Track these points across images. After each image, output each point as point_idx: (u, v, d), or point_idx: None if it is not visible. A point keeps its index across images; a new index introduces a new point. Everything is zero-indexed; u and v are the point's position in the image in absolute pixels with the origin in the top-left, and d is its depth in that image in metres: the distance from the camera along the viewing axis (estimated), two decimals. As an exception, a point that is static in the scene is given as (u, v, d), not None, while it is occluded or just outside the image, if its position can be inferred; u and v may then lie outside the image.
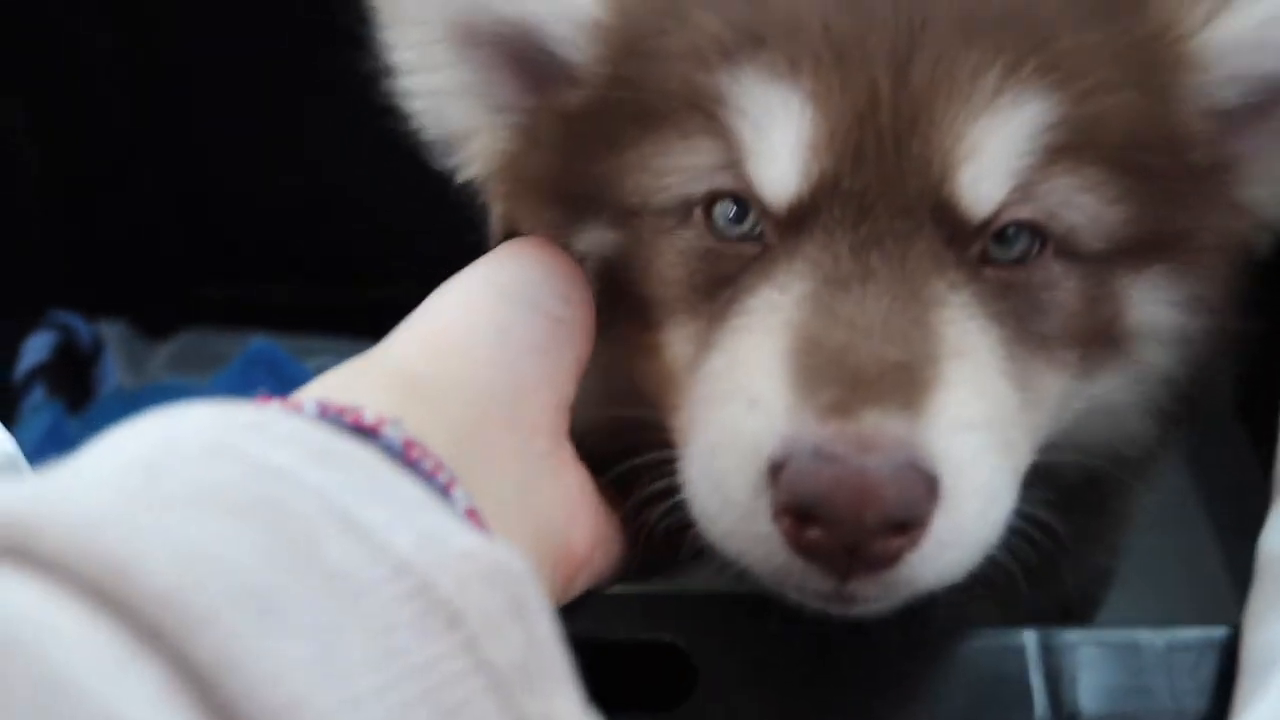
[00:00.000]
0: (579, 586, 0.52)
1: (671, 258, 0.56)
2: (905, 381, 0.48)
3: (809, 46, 0.51)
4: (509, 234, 0.63)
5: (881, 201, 0.51)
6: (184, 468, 0.35)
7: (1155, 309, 0.57)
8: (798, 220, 0.52)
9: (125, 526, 0.33)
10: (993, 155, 0.51)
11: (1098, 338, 0.56)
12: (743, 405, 0.50)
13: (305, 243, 1.31)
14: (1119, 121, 0.53)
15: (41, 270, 1.29)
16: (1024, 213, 0.53)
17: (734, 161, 0.53)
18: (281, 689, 0.31)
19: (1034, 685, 0.50)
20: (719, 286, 0.54)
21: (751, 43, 0.52)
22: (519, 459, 0.49)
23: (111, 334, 1.33)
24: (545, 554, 0.49)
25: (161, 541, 0.32)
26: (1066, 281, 0.54)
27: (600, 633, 0.53)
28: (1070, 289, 0.54)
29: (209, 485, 0.35)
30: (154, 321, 1.38)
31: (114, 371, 1.31)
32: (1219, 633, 0.52)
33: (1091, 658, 0.51)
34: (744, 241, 0.54)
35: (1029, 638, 0.52)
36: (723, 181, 0.54)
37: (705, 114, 0.53)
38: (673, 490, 0.52)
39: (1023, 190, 0.52)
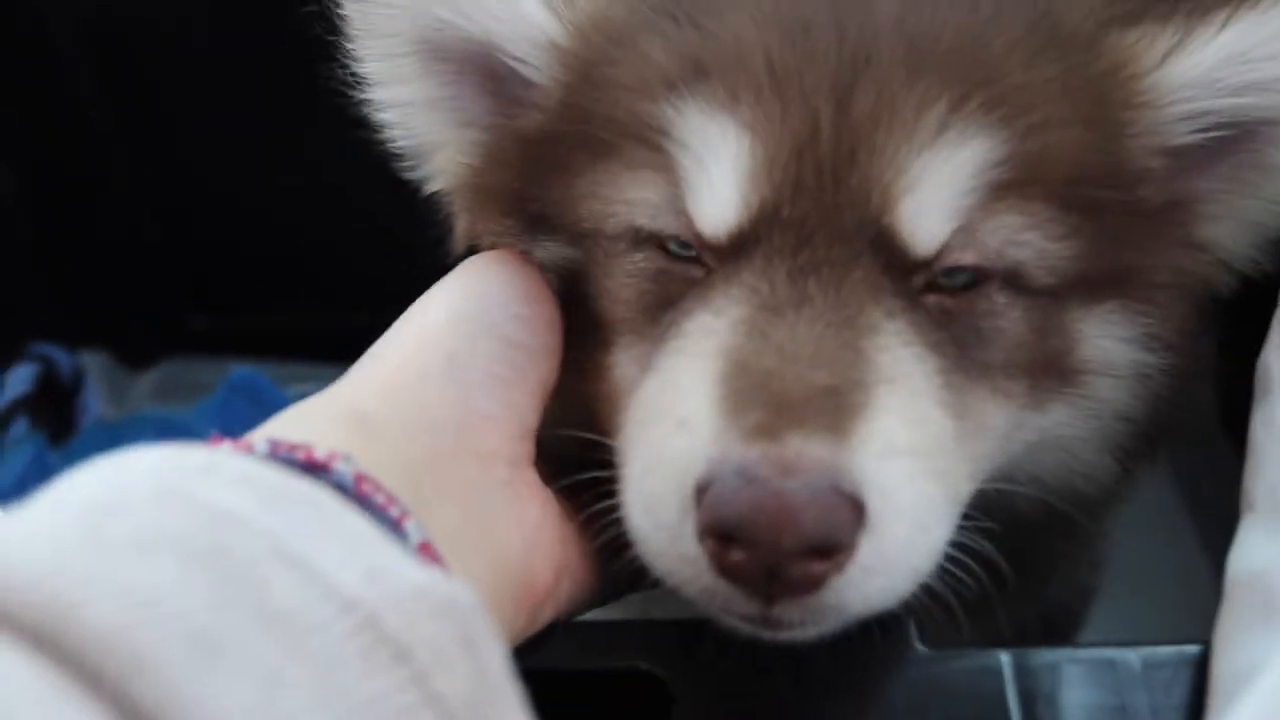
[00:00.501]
0: (546, 615, 0.52)
1: (622, 279, 0.56)
2: (833, 407, 0.48)
3: (750, 77, 0.52)
4: (471, 248, 0.63)
5: (820, 230, 0.51)
6: (133, 512, 0.35)
7: (1108, 344, 0.57)
8: (737, 248, 0.52)
9: (69, 572, 0.33)
10: (935, 190, 0.51)
11: (1047, 370, 0.56)
12: (672, 427, 0.50)
13: (287, 271, 1.31)
14: (1066, 158, 0.53)
15: (22, 302, 1.29)
16: (967, 257, 0.53)
17: (676, 197, 0.53)
18: None
19: (1010, 705, 0.50)
20: (663, 309, 0.55)
21: (695, 74, 0.53)
22: (474, 490, 0.49)
23: (93, 364, 1.33)
24: (504, 584, 0.49)
25: (105, 586, 0.32)
26: (1012, 312, 0.54)
27: (576, 662, 0.53)
28: (1016, 319, 0.54)
29: (157, 530, 0.35)
30: (135, 351, 1.38)
31: (96, 402, 1.30)
32: (1195, 650, 0.51)
33: (1068, 677, 0.51)
34: (691, 263, 0.55)
35: (1005, 658, 0.51)
36: (664, 224, 0.54)
37: (650, 146, 0.53)
38: (615, 509, 0.52)
39: (966, 230, 0.52)
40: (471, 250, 0.63)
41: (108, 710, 0.31)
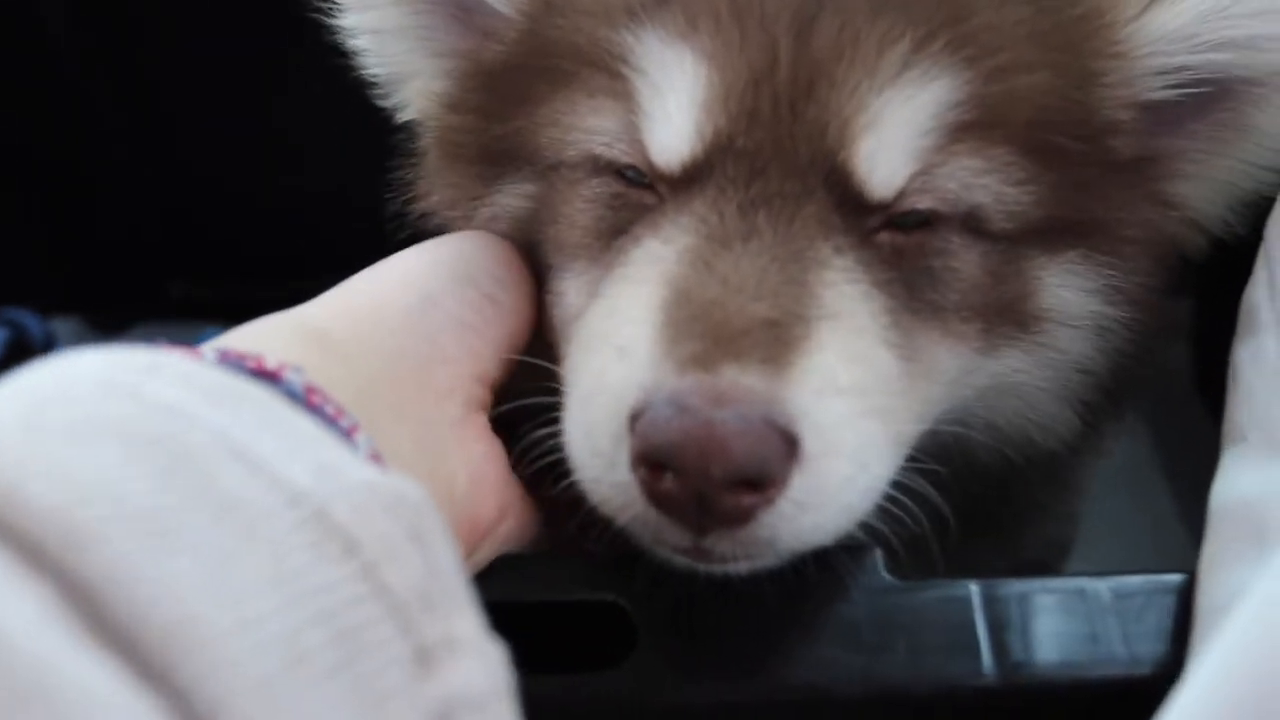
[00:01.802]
0: (485, 553, 0.52)
1: (580, 205, 0.56)
2: (772, 339, 0.47)
3: (710, 4, 0.51)
4: (433, 228, 0.63)
5: (774, 163, 0.51)
6: (74, 403, 0.35)
7: (1068, 294, 0.56)
8: (690, 178, 0.52)
9: (10, 451, 0.32)
10: (895, 130, 0.50)
11: (1002, 315, 0.55)
12: (612, 354, 0.50)
13: (265, 237, 1.30)
14: (1031, 102, 0.52)
15: (-7, 268, 1.28)
16: (924, 201, 0.52)
17: (632, 125, 0.53)
18: (172, 607, 0.30)
19: (979, 634, 0.50)
20: (615, 235, 0.54)
21: (655, 1, 0.52)
22: (426, 422, 0.49)
23: (65, 330, 1.32)
24: (448, 517, 0.48)
25: (47, 465, 0.32)
26: (968, 254, 0.54)
27: (541, 593, 0.52)
28: (971, 262, 0.54)
29: (98, 419, 0.34)
30: (109, 317, 1.36)
31: (67, 368, 1.29)
32: (1166, 579, 0.51)
33: (1037, 606, 0.50)
34: (645, 190, 0.54)
35: (973, 588, 0.51)
36: (620, 152, 0.54)
37: (609, 73, 0.53)
38: (557, 435, 0.52)
39: (924, 173, 0.51)
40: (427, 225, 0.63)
41: (52, 588, 0.30)
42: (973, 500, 0.63)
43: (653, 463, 0.46)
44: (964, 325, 0.54)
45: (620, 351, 0.49)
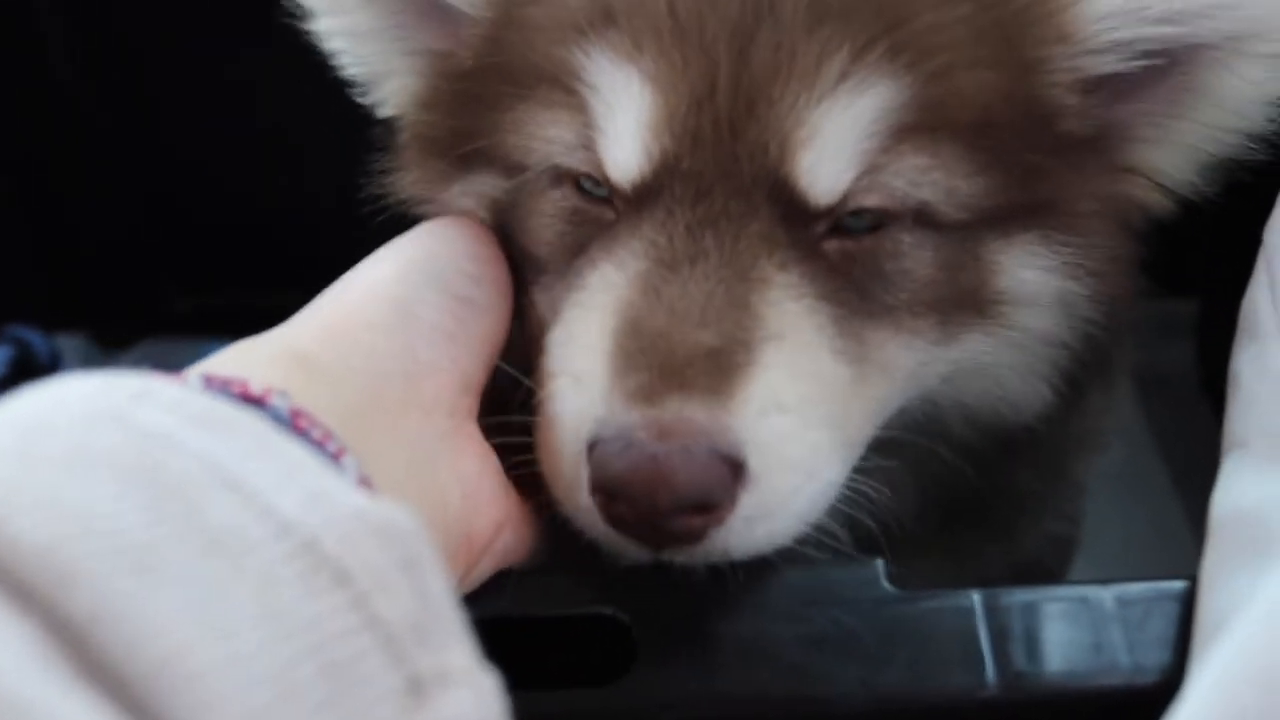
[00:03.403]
0: (485, 568, 0.51)
1: (544, 219, 0.57)
2: (715, 368, 0.49)
3: (653, 26, 0.52)
4: (408, 218, 0.63)
5: (719, 183, 0.52)
6: (63, 432, 0.34)
7: (1028, 274, 0.56)
8: (641, 197, 0.53)
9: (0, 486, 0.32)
10: (834, 139, 0.51)
11: (959, 304, 0.56)
12: (570, 381, 0.52)
13: (267, 253, 1.30)
14: (973, 101, 0.52)
15: (-3, 285, 1.28)
16: (871, 199, 0.53)
17: (588, 137, 0.54)
18: (161, 643, 0.30)
19: (982, 644, 0.49)
20: (576, 253, 0.55)
21: (603, 20, 0.53)
22: (413, 439, 0.49)
23: (70, 347, 1.32)
24: (444, 535, 0.48)
25: (33, 500, 0.32)
26: (920, 251, 0.54)
27: (539, 607, 0.52)
28: (923, 259, 0.54)
29: (88, 449, 0.34)
30: (113, 334, 1.37)
31: (72, 385, 1.29)
32: (1168, 586, 0.51)
33: (1040, 615, 0.50)
34: (604, 204, 0.55)
35: (976, 597, 0.51)
36: (578, 161, 0.55)
37: (564, 88, 0.54)
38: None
39: (869, 174, 0.52)
40: (404, 216, 0.63)
41: (38, 627, 0.30)
42: (965, 491, 0.64)
43: (607, 491, 0.49)
44: (917, 320, 0.55)
45: (576, 380, 0.51)
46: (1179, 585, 0.51)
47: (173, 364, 1.30)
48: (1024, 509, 0.72)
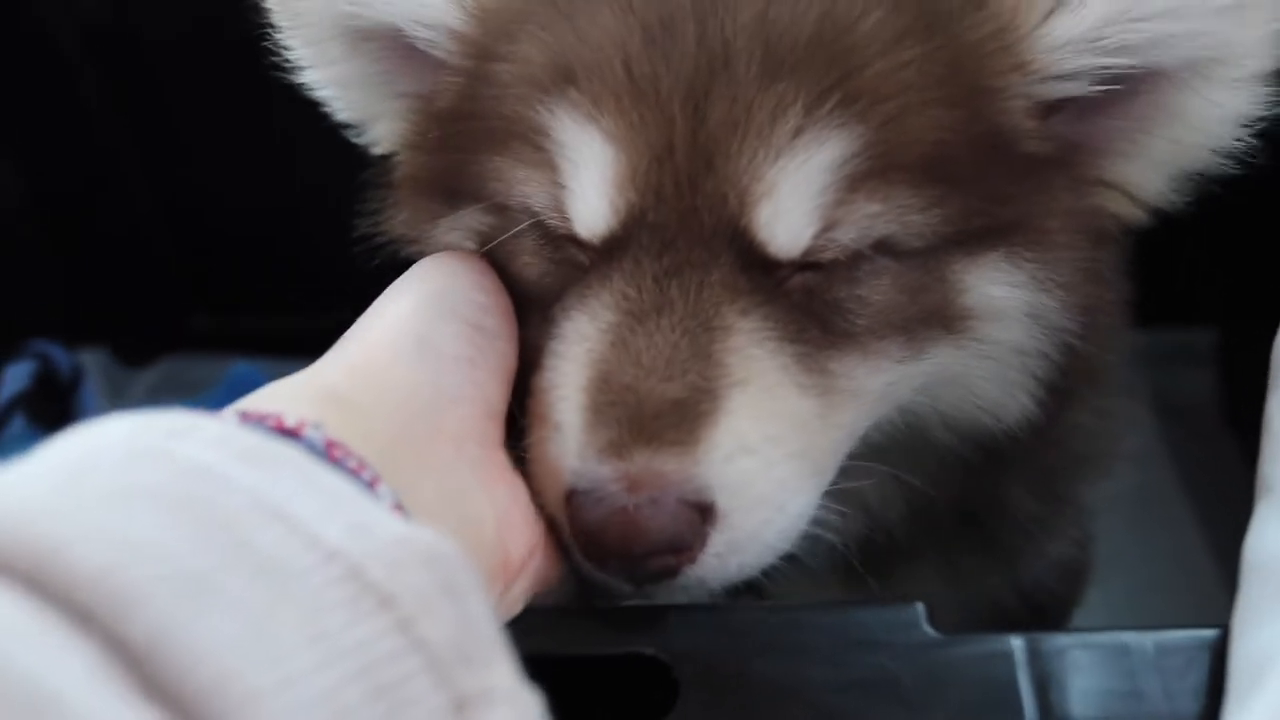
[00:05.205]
0: (518, 593, 0.52)
1: (524, 259, 0.59)
2: (682, 419, 0.51)
3: (611, 85, 0.53)
4: (400, 262, 0.64)
5: (682, 235, 0.53)
6: (106, 471, 0.35)
7: (994, 290, 0.57)
8: (610, 248, 0.55)
9: (55, 517, 0.33)
10: (792, 194, 0.52)
11: (926, 323, 0.56)
12: (551, 430, 0.54)
13: (287, 271, 1.31)
14: (926, 139, 0.53)
15: (21, 300, 1.28)
16: (829, 254, 0.54)
17: (557, 197, 0.55)
18: (215, 665, 0.31)
19: (1022, 690, 0.49)
20: (554, 300, 0.57)
21: (564, 80, 0.54)
22: (446, 469, 0.50)
23: (92, 362, 1.32)
24: (478, 559, 0.49)
25: (91, 529, 0.32)
26: (880, 280, 0.55)
27: (580, 647, 0.52)
28: (884, 287, 0.55)
29: (133, 484, 0.35)
30: (135, 350, 1.37)
31: (94, 399, 1.30)
32: (1209, 634, 0.51)
33: (1080, 661, 0.50)
34: (580, 247, 0.56)
35: (1016, 642, 0.51)
36: (550, 216, 0.56)
37: (533, 145, 0.55)
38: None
39: (826, 231, 0.53)
40: (402, 257, 0.64)
41: (99, 648, 0.30)
42: (954, 504, 0.66)
43: (585, 536, 0.52)
44: (882, 342, 0.56)
45: (556, 429, 0.54)
46: (1217, 633, 0.51)
47: (193, 381, 1.31)
48: (1021, 529, 0.72)
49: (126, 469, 0.35)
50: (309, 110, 0.68)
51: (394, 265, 0.62)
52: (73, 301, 1.32)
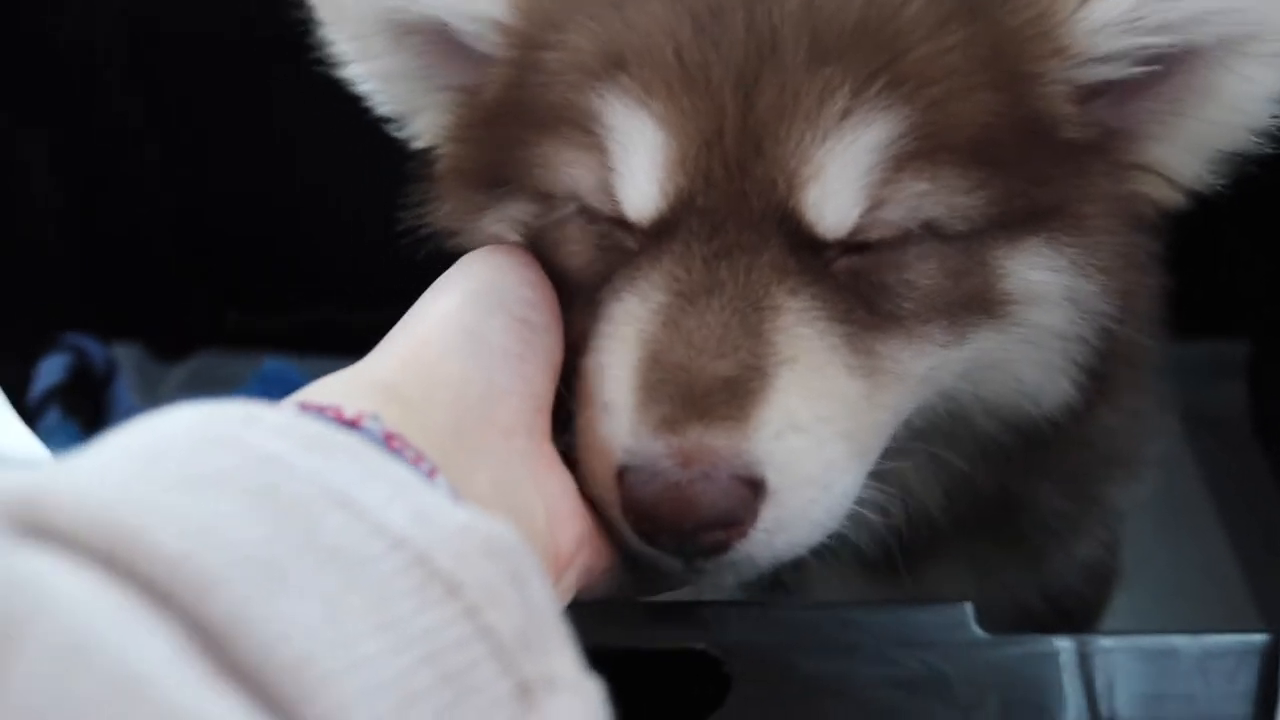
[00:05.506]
0: (566, 586, 0.53)
1: (571, 246, 0.59)
2: (733, 396, 0.52)
3: (662, 71, 0.54)
4: (445, 254, 0.64)
5: (731, 217, 0.54)
6: (180, 456, 0.36)
7: (1035, 275, 0.58)
8: (660, 232, 0.55)
9: (133, 502, 0.33)
10: (839, 175, 0.53)
11: (968, 307, 0.57)
12: (601, 409, 0.55)
13: (320, 267, 1.32)
14: (972, 120, 0.54)
15: (56, 295, 1.30)
16: (875, 233, 0.55)
17: (607, 181, 0.56)
18: (290, 648, 0.31)
19: (1068, 692, 0.50)
20: (603, 283, 0.58)
21: (615, 66, 0.55)
22: (498, 461, 0.50)
23: (125, 357, 1.33)
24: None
25: (168, 514, 0.33)
26: (926, 263, 0.56)
27: (632, 641, 0.53)
28: (930, 270, 0.56)
29: (206, 471, 0.35)
30: (168, 345, 1.38)
31: (127, 394, 1.31)
32: (1259, 639, 0.51)
33: (1127, 664, 0.51)
34: (628, 232, 0.57)
35: (1063, 644, 0.51)
36: (600, 201, 0.57)
37: (583, 129, 0.56)
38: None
39: (874, 210, 0.54)
40: (446, 249, 0.65)
41: (180, 630, 0.31)
42: (986, 496, 0.66)
43: (637, 513, 0.52)
44: (926, 326, 0.56)
45: (607, 409, 0.54)
46: (1266, 638, 0.51)
47: (226, 376, 1.32)
48: (1049, 527, 0.73)
49: (201, 455, 0.36)
50: (347, 107, 0.69)
51: (435, 260, 0.62)
52: (107, 297, 1.33)
